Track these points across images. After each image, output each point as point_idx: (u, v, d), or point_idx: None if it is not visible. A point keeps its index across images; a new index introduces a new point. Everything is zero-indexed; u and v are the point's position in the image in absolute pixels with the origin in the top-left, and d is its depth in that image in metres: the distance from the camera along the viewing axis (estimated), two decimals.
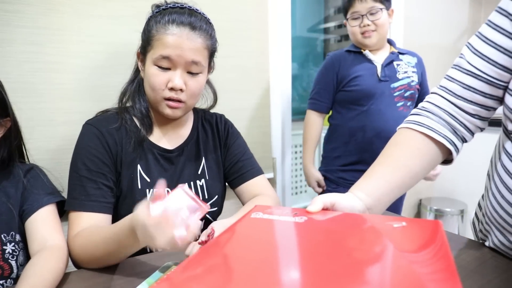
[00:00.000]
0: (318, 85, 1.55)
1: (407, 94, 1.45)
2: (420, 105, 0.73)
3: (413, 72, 1.48)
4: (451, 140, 0.66)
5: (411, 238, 0.44)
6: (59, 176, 1.07)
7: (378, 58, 1.46)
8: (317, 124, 1.57)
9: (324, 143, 1.62)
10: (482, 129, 0.69)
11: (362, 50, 1.47)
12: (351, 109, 1.47)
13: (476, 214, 0.83)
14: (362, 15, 1.41)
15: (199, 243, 0.64)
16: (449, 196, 2.49)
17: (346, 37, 3.51)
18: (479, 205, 0.81)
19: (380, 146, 1.31)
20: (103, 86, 1.25)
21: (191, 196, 0.57)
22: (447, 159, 0.71)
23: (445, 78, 0.70)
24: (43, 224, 0.75)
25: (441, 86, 0.70)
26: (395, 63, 1.46)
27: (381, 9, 1.40)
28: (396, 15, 2.03)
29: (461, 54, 0.67)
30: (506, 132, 0.64)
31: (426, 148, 0.66)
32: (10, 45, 1.09)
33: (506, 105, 0.60)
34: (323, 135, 1.65)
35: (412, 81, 1.46)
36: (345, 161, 1.50)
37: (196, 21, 0.82)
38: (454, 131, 0.67)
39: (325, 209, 0.57)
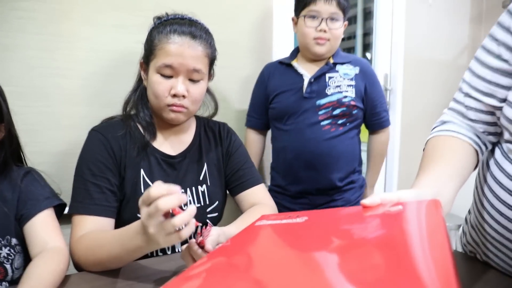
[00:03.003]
0: (251, 100, 1.44)
1: (336, 112, 1.26)
2: (437, 121, 0.76)
3: (348, 86, 1.27)
4: (476, 141, 0.68)
5: (407, 222, 0.45)
6: (64, 179, 1.09)
7: (309, 71, 1.29)
8: (255, 143, 1.44)
9: None
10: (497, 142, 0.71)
11: (291, 63, 1.31)
12: (277, 128, 1.35)
13: (463, 229, 0.85)
14: (323, 18, 1.21)
15: (197, 243, 0.65)
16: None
17: (349, 50, 3.56)
18: (465, 220, 0.83)
19: (300, 169, 1.31)
20: (108, 92, 1.27)
21: None
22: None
23: (452, 100, 0.74)
24: (42, 228, 0.76)
25: (449, 108, 0.75)
26: (327, 75, 1.27)
27: (342, 18, 1.24)
28: (396, 30, 2.08)
29: (463, 78, 0.71)
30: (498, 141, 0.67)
31: (457, 145, 0.68)
32: (22, 51, 1.13)
33: (504, 115, 0.64)
34: None
35: (345, 96, 1.26)
36: (275, 182, 1.39)
37: (196, 30, 0.87)
38: (477, 136, 0.70)
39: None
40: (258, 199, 0.97)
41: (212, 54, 0.92)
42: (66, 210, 0.85)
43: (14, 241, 0.77)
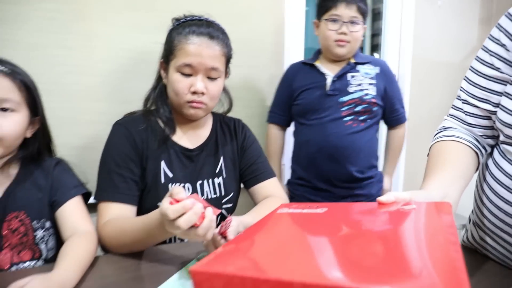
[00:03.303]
0: (275, 97, 1.52)
1: (358, 108, 1.35)
2: (439, 127, 0.81)
3: (370, 84, 1.37)
4: (476, 145, 0.74)
5: (420, 220, 0.49)
6: (84, 171, 1.15)
7: (331, 70, 1.38)
8: (276, 137, 1.53)
9: None
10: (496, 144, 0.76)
11: (314, 63, 1.41)
12: (300, 123, 1.44)
13: (465, 227, 0.89)
14: (343, 22, 1.31)
15: (219, 233, 0.70)
16: None
17: None
18: (469, 219, 0.87)
19: (322, 162, 1.38)
20: (126, 89, 1.33)
21: (202, 200, 0.66)
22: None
23: (451, 107, 0.80)
24: (72, 213, 0.83)
25: (449, 115, 0.80)
26: (349, 74, 1.37)
27: (362, 22, 1.33)
28: (405, 31, 2.11)
29: (461, 87, 0.77)
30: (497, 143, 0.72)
31: (460, 149, 0.73)
32: (45, 49, 1.19)
33: (498, 118, 0.69)
34: None
35: (366, 94, 1.35)
36: (297, 175, 1.47)
37: (213, 31, 0.91)
38: (476, 140, 0.75)
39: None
40: (271, 192, 1.02)
41: (228, 53, 0.97)
42: (91, 200, 0.91)
43: (47, 224, 0.83)
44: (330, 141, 1.35)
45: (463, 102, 0.76)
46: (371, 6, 3.23)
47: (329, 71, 1.38)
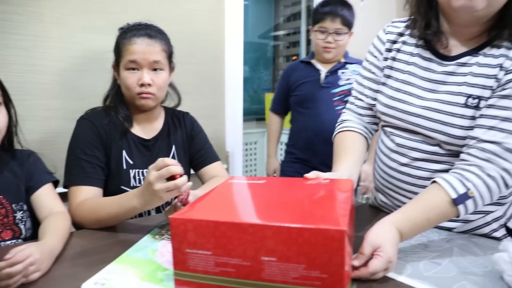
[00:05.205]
0: (276, 91, 1.84)
1: (347, 98, 1.61)
2: (339, 119, 1.07)
3: None
4: (365, 131, 1.01)
5: (331, 187, 0.72)
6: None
7: (325, 67, 1.67)
8: (275, 123, 1.88)
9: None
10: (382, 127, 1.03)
11: (310, 61, 1.70)
12: (298, 112, 1.72)
13: (373, 194, 1.16)
14: (329, 33, 1.59)
15: (179, 201, 0.88)
16: None
17: (294, 44, 3.86)
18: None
19: (318, 145, 1.69)
20: (80, 86, 1.44)
21: None
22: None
23: (348, 103, 1.07)
24: (47, 197, 0.95)
25: (346, 108, 1.08)
26: (340, 71, 1.66)
27: (346, 32, 1.60)
28: None
29: (352, 87, 1.06)
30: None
31: (355, 138, 1.00)
32: (1, 50, 1.26)
33: (377, 109, 0.97)
34: None
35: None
36: (292, 156, 1.75)
37: (152, 32, 1.09)
38: (365, 127, 1.02)
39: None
40: (216, 173, 1.21)
41: (169, 49, 1.14)
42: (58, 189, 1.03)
43: (25, 207, 0.94)
44: (325, 127, 1.56)
45: (355, 98, 1.04)
46: (305, 4, 3.50)
47: (323, 68, 1.67)
